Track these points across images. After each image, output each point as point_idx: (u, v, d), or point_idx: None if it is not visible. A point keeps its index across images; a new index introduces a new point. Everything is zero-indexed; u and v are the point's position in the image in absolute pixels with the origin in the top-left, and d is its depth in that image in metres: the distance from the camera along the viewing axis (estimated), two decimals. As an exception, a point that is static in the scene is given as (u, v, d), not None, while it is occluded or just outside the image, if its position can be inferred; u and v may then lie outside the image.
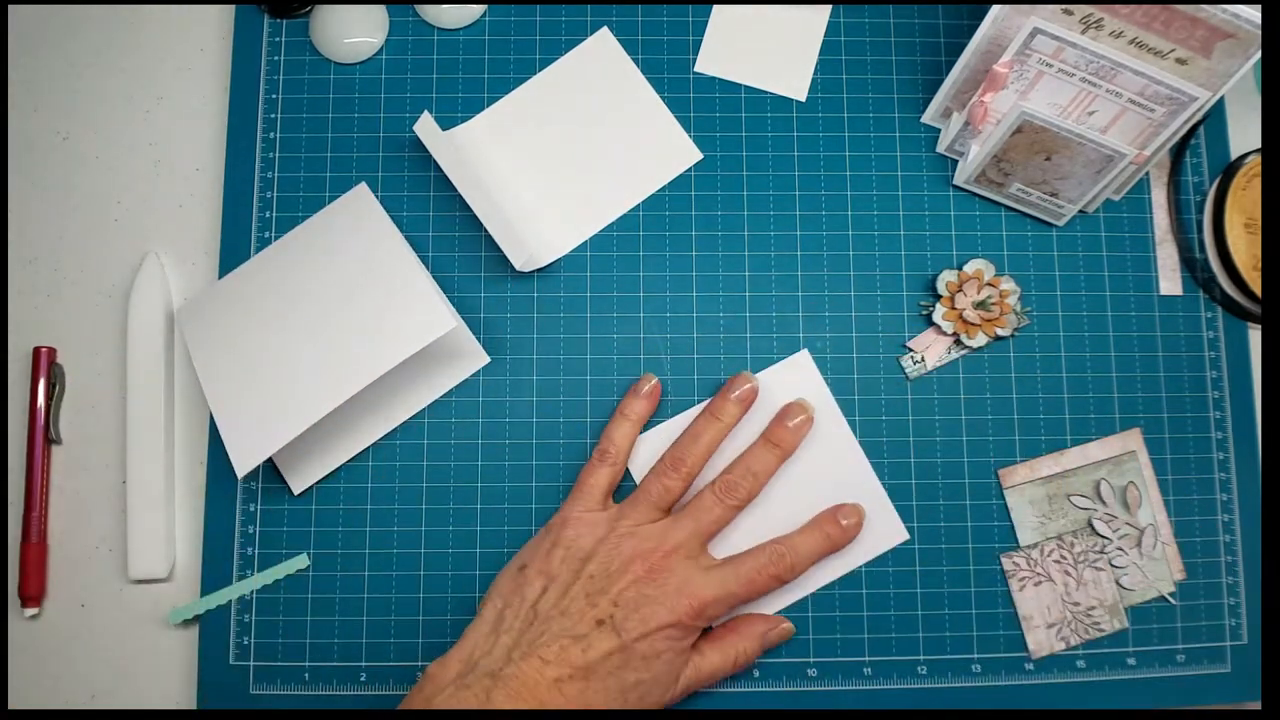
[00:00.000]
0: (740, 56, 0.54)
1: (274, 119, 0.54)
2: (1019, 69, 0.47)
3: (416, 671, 0.49)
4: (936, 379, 0.52)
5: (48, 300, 0.53)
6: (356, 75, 0.54)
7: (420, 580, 0.50)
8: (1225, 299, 0.53)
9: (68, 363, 0.52)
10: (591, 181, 0.53)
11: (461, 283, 0.52)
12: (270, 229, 0.52)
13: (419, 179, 0.53)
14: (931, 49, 0.54)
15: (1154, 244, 0.53)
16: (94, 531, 0.51)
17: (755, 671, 0.49)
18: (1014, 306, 0.51)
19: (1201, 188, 0.54)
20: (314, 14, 0.54)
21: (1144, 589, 0.50)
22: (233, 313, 0.50)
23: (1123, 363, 0.52)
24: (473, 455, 0.51)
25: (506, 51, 0.54)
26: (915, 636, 0.49)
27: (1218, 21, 0.42)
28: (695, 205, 0.53)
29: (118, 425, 0.52)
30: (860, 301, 0.52)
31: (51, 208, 0.54)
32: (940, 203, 0.53)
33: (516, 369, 0.51)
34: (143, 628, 0.50)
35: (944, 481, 0.51)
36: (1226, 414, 0.52)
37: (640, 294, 0.52)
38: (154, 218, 0.54)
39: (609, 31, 0.54)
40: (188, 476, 0.51)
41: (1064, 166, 0.49)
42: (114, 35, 0.55)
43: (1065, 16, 0.45)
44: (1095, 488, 0.51)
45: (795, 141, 0.54)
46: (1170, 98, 0.45)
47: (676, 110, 0.54)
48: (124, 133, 0.54)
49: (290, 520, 0.50)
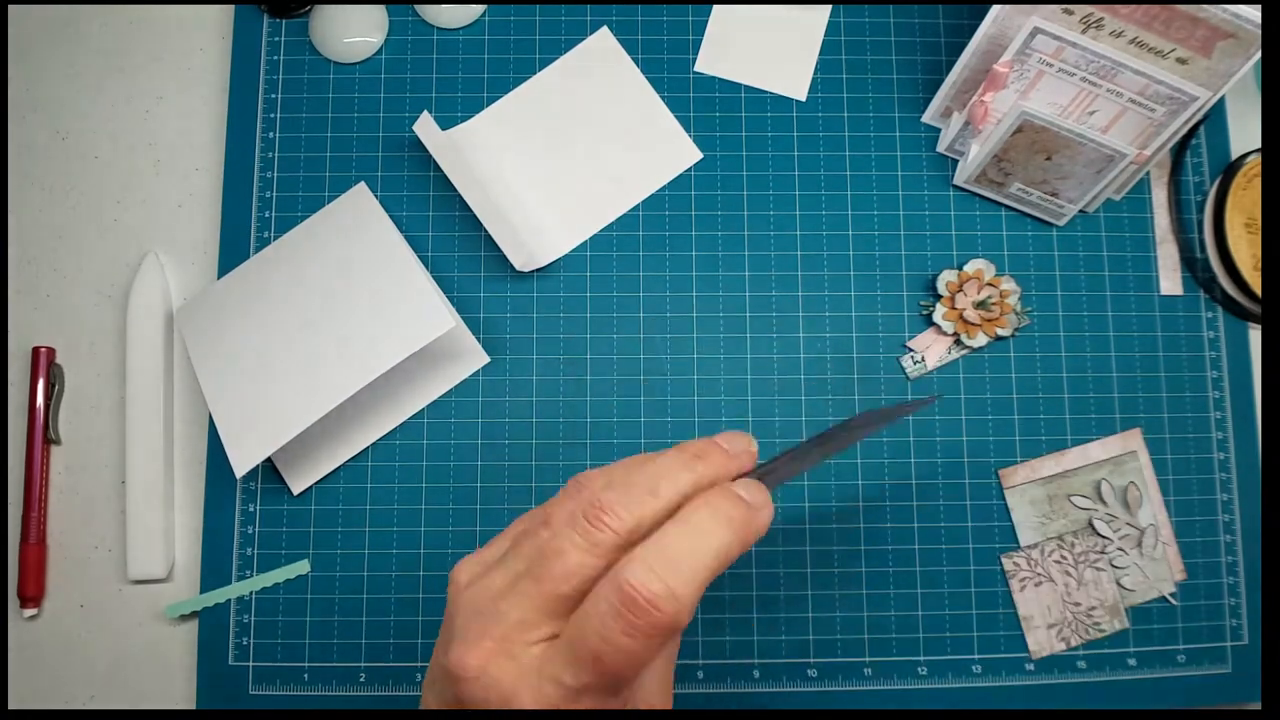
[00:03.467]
0: (740, 56, 0.54)
1: (273, 119, 0.54)
2: (1019, 69, 0.47)
3: (416, 673, 0.49)
4: (937, 379, 0.52)
5: (47, 300, 0.53)
6: (356, 75, 0.54)
7: (420, 581, 0.50)
8: (1226, 299, 0.53)
9: (67, 363, 0.52)
10: (591, 181, 0.53)
11: (461, 283, 0.52)
12: (269, 229, 0.52)
13: (418, 179, 0.53)
14: (931, 49, 0.54)
15: (1154, 244, 0.53)
16: (93, 532, 0.51)
17: (756, 672, 0.49)
18: (1014, 306, 0.51)
19: (1202, 187, 0.54)
20: (313, 14, 0.54)
21: (1145, 589, 0.50)
22: (231, 313, 0.50)
23: (1123, 363, 0.52)
24: (472, 455, 0.51)
25: (506, 51, 0.54)
26: (915, 637, 0.49)
27: (1218, 21, 0.42)
28: (695, 205, 0.53)
29: (117, 425, 0.51)
30: (860, 301, 0.52)
31: (51, 208, 0.54)
32: (940, 202, 0.53)
33: (516, 369, 0.51)
34: (142, 628, 0.50)
35: (944, 481, 0.51)
36: (1227, 414, 0.52)
37: (640, 294, 0.52)
38: (153, 218, 0.54)
39: (609, 31, 0.54)
40: (187, 477, 0.51)
41: (1064, 166, 0.49)
42: (114, 35, 0.55)
43: (1065, 16, 0.45)
44: (1096, 488, 0.51)
45: (795, 141, 0.53)
46: (1171, 97, 0.45)
47: (676, 110, 0.54)
48: (124, 133, 0.54)
49: (289, 521, 0.50)
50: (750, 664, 0.49)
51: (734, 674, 0.49)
